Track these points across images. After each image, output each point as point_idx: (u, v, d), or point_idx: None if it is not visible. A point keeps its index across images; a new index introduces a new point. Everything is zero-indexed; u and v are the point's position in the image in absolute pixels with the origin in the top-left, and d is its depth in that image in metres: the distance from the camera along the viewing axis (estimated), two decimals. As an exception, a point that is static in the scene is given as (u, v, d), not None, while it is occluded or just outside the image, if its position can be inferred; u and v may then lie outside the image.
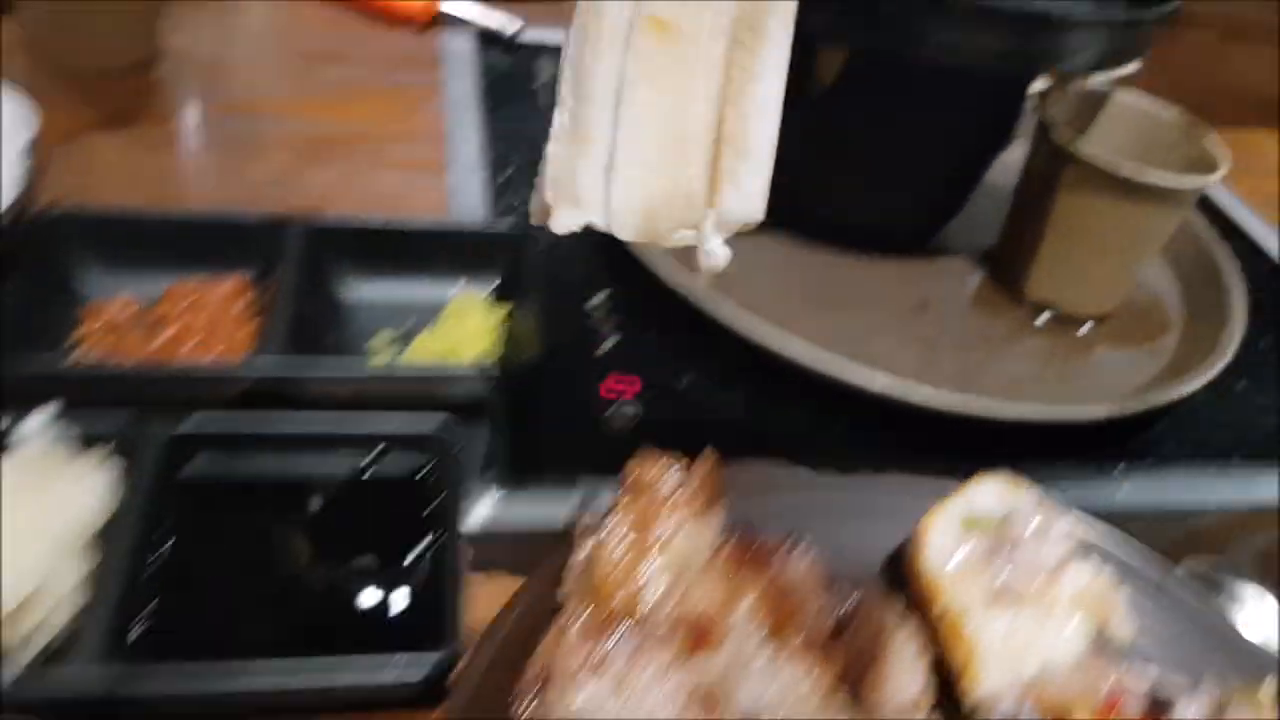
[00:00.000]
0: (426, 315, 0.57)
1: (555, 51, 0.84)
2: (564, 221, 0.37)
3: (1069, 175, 0.64)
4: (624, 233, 0.36)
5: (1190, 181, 0.62)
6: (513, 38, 0.86)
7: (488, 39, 0.87)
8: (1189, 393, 0.62)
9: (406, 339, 0.56)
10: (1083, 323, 0.70)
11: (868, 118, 0.66)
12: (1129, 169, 0.61)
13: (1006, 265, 0.71)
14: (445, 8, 0.87)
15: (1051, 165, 0.64)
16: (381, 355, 0.56)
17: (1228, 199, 0.89)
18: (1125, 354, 0.69)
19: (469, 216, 0.68)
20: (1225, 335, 0.68)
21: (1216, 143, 0.66)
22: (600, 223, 0.36)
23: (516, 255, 0.60)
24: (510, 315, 0.58)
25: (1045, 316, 0.70)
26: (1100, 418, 0.60)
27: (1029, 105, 0.67)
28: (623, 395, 0.59)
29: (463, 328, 0.56)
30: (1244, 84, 1.11)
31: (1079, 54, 0.58)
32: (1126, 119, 0.70)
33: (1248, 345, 0.69)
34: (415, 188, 0.69)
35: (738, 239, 0.37)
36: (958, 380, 0.61)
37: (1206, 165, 0.65)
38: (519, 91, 0.82)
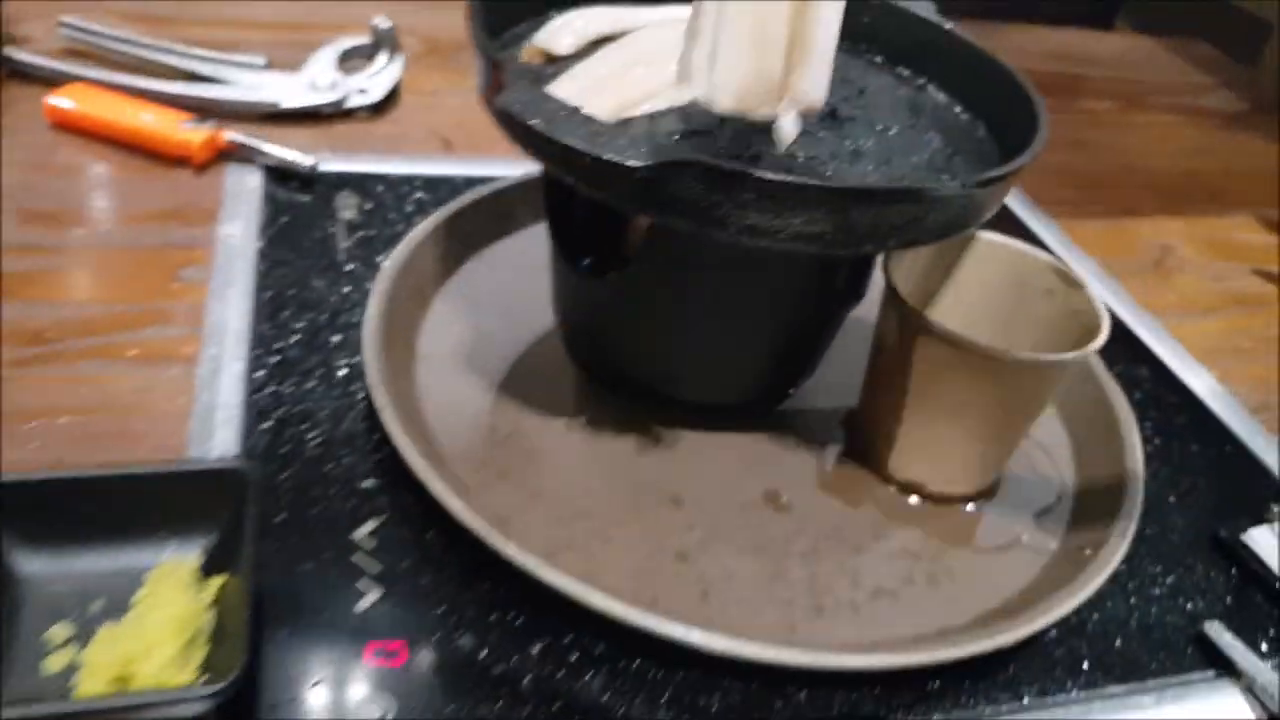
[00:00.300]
0: (120, 593, 0.46)
1: (359, 181, 0.73)
2: (676, 96, 0.49)
3: (924, 347, 0.53)
4: (720, 104, 0.47)
5: (1063, 356, 0.51)
6: (310, 170, 0.73)
7: (280, 175, 0.74)
8: (1075, 606, 0.51)
9: (88, 633, 0.44)
10: (961, 501, 0.59)
11: (687, 287, 0.55)
12: (989, 346, 0.50)
13: (866, 440, 0.60)
14: (232, 138, 0.74)
15: (903, 334, 0.54)
16: (57, 658, 0.43)
17: (1129, 314, 0.79)
18: (1010, 540, 0.59)
19: (218, 422, 0.56)
20: (1124, 507, 0.58)
21: (1092, 300, 0.55)
22: (703, 95, 0.47)
23: (242, 499, 0.47)
24: (227, 587, 0.45)
25: (916, 500, 0.58)
26: (959, 658, 0.48)
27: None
28: (389, 666, 0.47)
29: (162, 612, 0.45)
30: (1145, 161, 1.01)
31: (913, 228, 0.47)
32: (996, 260, 0.59)
33: (1152, 507, 0.61)
34: (154, 389, 0.58)
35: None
36: (811, 596, 0.53)
37: (1087, 318, 0.56)
38: (309, 238, 0.71)
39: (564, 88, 0.49)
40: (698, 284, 0.54)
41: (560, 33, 0.53)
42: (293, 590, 0.49)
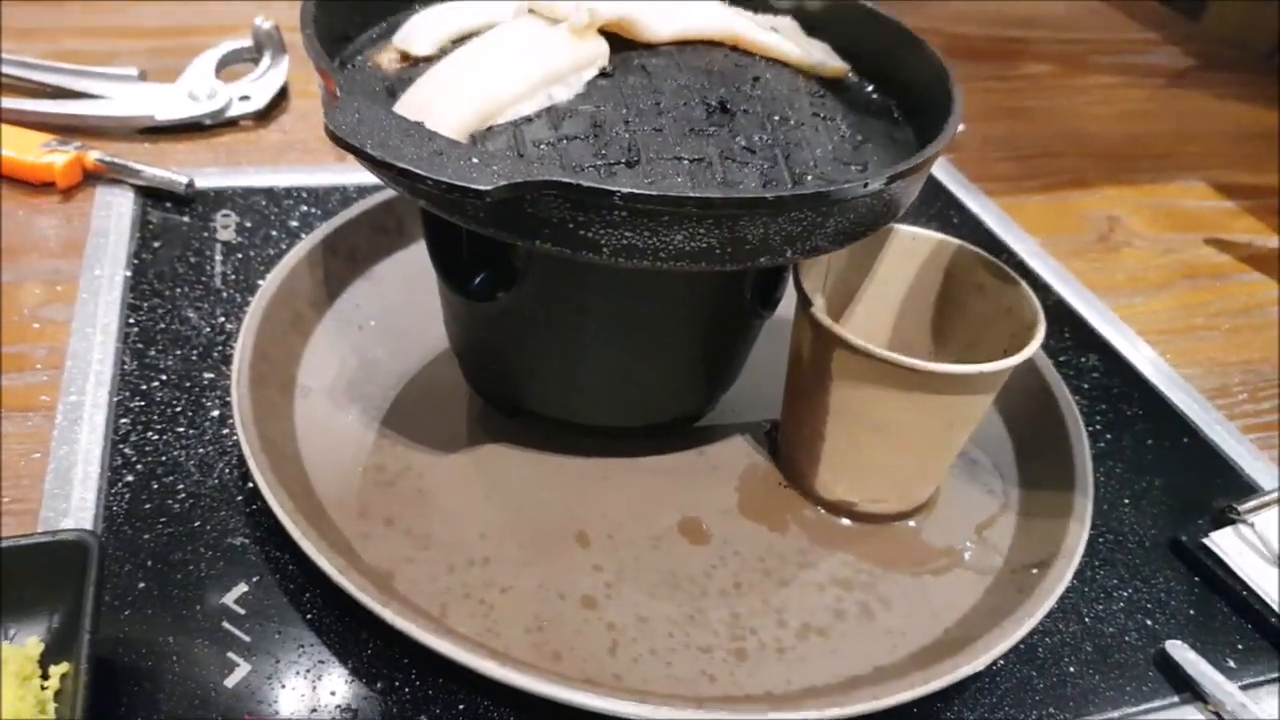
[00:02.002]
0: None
1: (241, 196, 0.67)
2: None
3: (841, 361, 0.48)
4: None
5: (993, 367, 0.45)
6: (186, 189, 0.67)
7: (154, 196, 0.68)
8: (1022, 635, 0.46)
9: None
10: (895, 519, 0.53)
11: (581, 305, 0.49)
12: (909, 360, 0.45)
13: (791, 458, 0.55)
14: (99, 158, 0.68)
15: (818, 347, 0.49)
16: None
17: (1075, 296, 0.74)
18: (950, 560, 0.54)
19: (76, 479, 0.51)
20: (1074, 515, 0.53)
21: (1025, 295, 0.50)
22: None
23: (83, 577, 0.41)
24: (73, 677, 0.40)
25: (846, 521, 0.53)
26: (895, 705, 0.43)
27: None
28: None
29: None
30: (1088, 126, 0.96)
31: (813, 235, 0.41)
32: (920, 254, 0.54)
33: (1106, 512, 0.57)
34: (7, 445, 0.52)
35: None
36: (732, 640, 0.48)
37: (1022, 314, 0.51)
38: (184, 264, 0.65)
39: (414, 97, 0.43)
40: (592, 301, 0.49)
41: (417, 31, 0.47)
42: (155, 667, 0.44)
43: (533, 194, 0.38)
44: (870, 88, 0.55)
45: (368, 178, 0.71)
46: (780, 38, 0.53)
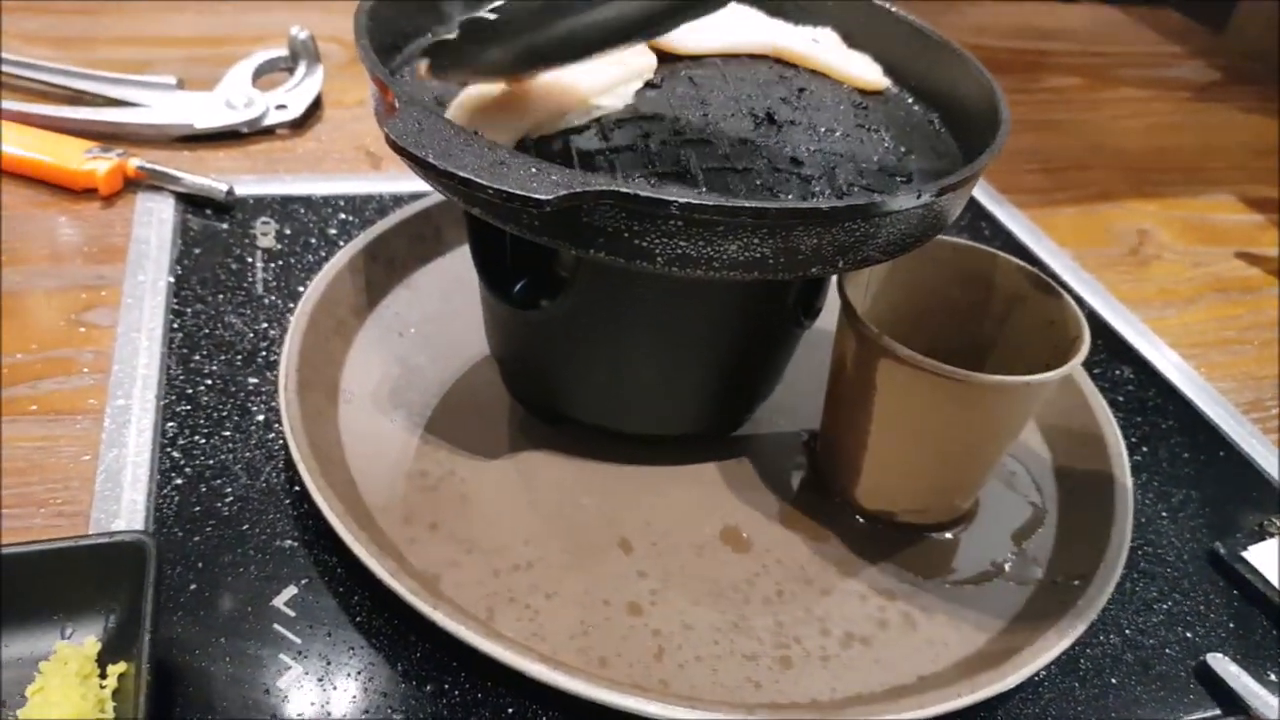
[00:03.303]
0: (14, 686, 0.41)
1: (279, 204, 0.68)
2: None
3: (886, 370, 0.48)
4: None
5: (1039, 378, 0.46)
6: (226, 196, 0.68)
7: (194, 203, 0.69)
8: (1067, 646, 0.47)
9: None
10: (935, 530, 0.54)
11: (626, 313, 0.50)
12: (957, 370, 0.45)
13: (831, 467, 0.55)
14: (141, 165, 0.69)
15: (863, 357, 0.49)
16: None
17: (1108, 309, 0.74)
18: (991, 570, 0.55)
19: (125, 481, 0.51)
20: (1114, 527, 0.54)
21: (1067, 308, 0.50)
22: None
23: (140, 576, 0.42)
24: (131, 676, 0.40)
25: (886, 531, 0.54)
26: (941, 714, 0.44)
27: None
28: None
29: (52, 710, 0.39)
30: (1116, 140, 0.97)
31: (865, 246, 0.42)
32: (962, 266, 0.54)
33: (1144, 524, 0.57)
34: (56, 448, 0.53)
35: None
36: (776, 648, 0.49)
37: (1064, 326, 0.51)
38: (225, 270, 0.66)
39: (466, 107, 0.44)
40: (637, 310, 0.49)
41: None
42: (208, 669, 0.44)
43: (590, 203, 0.38)
44: (911, 99, 0.55)
45: (404, 186, 0.72)
46: (823, 50, 0.53)
